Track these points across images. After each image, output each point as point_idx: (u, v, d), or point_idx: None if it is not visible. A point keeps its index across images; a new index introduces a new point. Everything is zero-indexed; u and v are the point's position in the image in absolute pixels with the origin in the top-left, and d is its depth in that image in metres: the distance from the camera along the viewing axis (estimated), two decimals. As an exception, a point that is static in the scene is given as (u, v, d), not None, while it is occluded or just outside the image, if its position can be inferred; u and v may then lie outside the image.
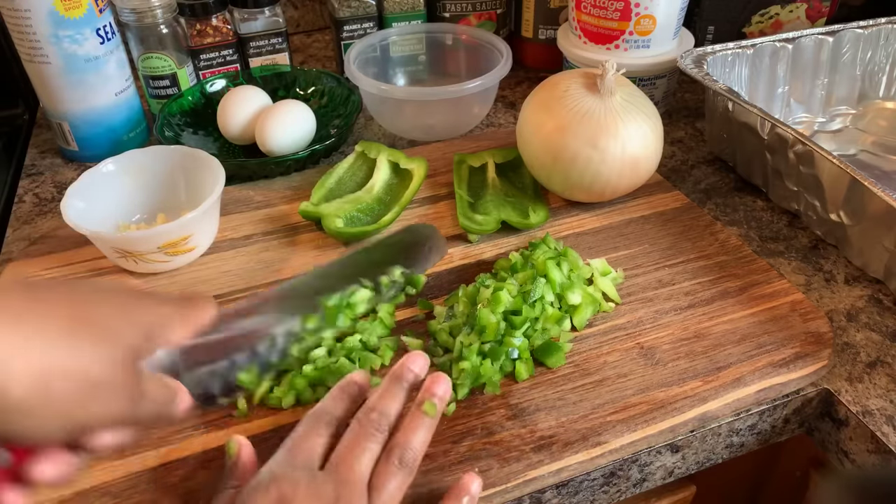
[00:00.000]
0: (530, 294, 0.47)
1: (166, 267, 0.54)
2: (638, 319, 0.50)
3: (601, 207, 0.61)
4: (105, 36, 0.65)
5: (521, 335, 0.46)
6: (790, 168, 0.58)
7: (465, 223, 0.57)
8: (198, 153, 0.58)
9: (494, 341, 0.45)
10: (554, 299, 0.49)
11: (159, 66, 0.72)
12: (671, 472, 0.46)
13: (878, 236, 0.52)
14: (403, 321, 0.50)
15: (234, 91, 0.69)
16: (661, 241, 0.57)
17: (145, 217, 0.59)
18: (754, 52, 0.68)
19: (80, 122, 0.67)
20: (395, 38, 0.78)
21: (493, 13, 0.83)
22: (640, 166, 0.56)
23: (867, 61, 0.73)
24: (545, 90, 0.58)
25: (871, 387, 0.46)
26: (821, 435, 0.48)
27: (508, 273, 0.51)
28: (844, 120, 0.73)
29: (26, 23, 0.61)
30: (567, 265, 0.51)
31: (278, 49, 0.79)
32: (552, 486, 0.41)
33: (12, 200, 0.66)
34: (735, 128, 0.62)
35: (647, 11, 0.68)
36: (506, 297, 0.47)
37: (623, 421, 0.43)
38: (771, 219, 0.61)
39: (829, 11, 0.82)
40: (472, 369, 0.44)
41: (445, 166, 0.66)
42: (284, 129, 0.64)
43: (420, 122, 0.72)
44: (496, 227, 0.57)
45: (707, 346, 0.47)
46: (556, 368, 0.46)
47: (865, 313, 0.52)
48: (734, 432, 0.46)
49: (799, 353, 0.47)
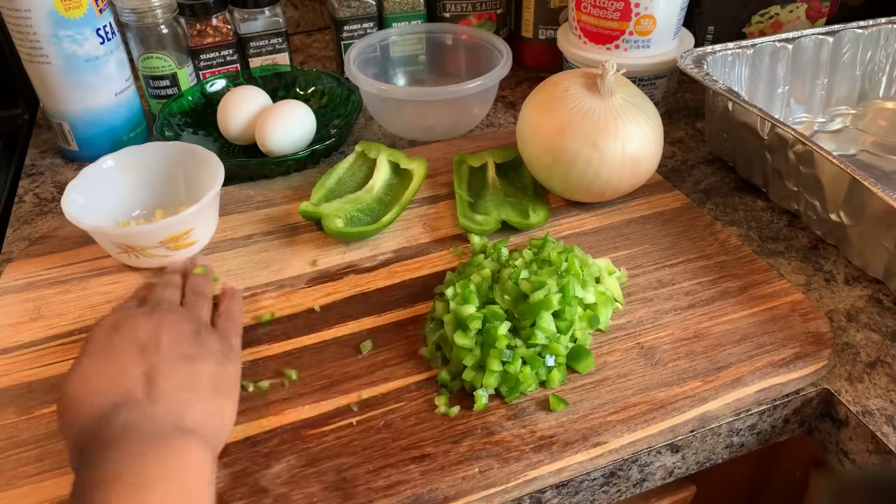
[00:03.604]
0: (569, 291, 0.46)
1: (167, 262, 0.54)
2: (638, 319, 0.50)
3: (601, 207, 0.61)
4: (105, 36, 0.65)
5: (568, 340, 0.45)
6: (790, 168, 0.58)
7: (465, 223, 0.57)
8: (197, 149, 0.58)
9: (540, 346, 0.45)
10: (582, 297, 0.48)
11: (159, 66, 0.72)
12: (671, 472, 0.46)
13: (878, 236, 0.52)
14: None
15: (234, 91, 0.69)
16: (661, 241, 0.57)
17: (144, 213, 0.59)
18: (754, 52, 0.68)
19: (80, 122, 0.67)
20: (395, 38, 0.78)
21: (493, 13, 0.83)
22: (640, 166, 0.56)
23: (867, 61, 0.73)
24: (545, 90, 0.58)
25: (871, 387, 0.46)
26: (821, 435, 0.48)
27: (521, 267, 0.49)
28: (844, 120, 0.73)
29: (26, 23, 0.61)
30: (578, 262, 0.50)
31: (278, 49, 0.79)
32: (552, 486, 0.41)
33: (12, 200, 0.66)
34: (735, 128, 0.62)
35: (647, 11, 0.68)
36: (556, 299, 0.45)
37: (623, 421, 0.43)
38: (771, 219, 0.61)
39: (829, 11, 0.82)
40: (524, 377, 0.43)
41: (445, 166, 0.66)
42: (284, 129, 0.64)
43: (420, 123, 0.72)
44: (496, 227, 0.57)
45: (707, 346, 0.47)
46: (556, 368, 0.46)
47: (865, 313, 0.52)
48: (734, 432, 0.46)
49: (799, 353, 0.47)
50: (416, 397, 0.44)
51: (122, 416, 0.35)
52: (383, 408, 0.44)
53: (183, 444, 0.35)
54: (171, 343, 0.40)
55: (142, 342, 0.39)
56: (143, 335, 0.40)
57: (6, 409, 0.44)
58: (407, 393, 0.45)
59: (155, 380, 0.37)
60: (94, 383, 0.37)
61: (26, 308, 0.51)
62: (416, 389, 0.45)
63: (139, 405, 0.36)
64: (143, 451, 0.33)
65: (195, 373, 0.39)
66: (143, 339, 0.39)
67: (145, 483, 0.32)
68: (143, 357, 0.38)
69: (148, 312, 0.42)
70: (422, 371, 0.46)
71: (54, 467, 0.40)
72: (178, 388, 0.37)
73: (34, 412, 0.44)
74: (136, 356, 0.38)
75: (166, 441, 0.34)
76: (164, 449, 0.34)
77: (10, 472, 0.40)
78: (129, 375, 0.37)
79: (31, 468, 0.40)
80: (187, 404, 0.37)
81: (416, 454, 0.41)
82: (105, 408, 0.35)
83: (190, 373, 0.39)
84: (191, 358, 0.40)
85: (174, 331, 0.41)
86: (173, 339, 0.40)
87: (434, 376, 0.46)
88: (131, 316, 0.41)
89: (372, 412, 0.43)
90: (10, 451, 0.41)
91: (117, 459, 0.33)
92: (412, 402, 0.44)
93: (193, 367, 0.39)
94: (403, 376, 0.46)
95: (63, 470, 0.40)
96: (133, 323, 0.40)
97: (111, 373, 0.37)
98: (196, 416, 0.37)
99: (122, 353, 0.38)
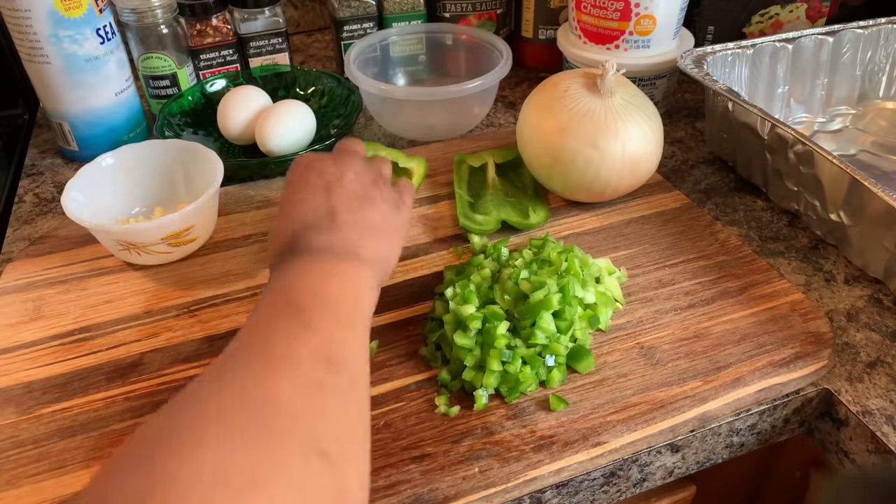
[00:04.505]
0: (569, 291, 0.46)
1: (168, 259, 0.54)
2: (638, 319, 0.50)
3: (601, 207, 0.61)
4: (105, 36, 0.65)
5: (568, 340, 0.45)
6: (790, 168, 0.58)
7: (465, 223, 0.57)
8: (196, 147, 0.58)
9: (540, 346, 0.45)
10: (582, 297, 0.48)
11: (159, 66, 0.72)
12: (671, 472, 0.46)
13: (878, 236, 0.52)
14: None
15: (234, 91, 0.69)
16: (661, 241, 0.57)
17: (144, 210, 0.59)
18: (754, 52, 0.68)
19: (80, 122, 0.67)
20: (395, 38, 0.78)
21: (493, 13, 0.83)
22: (640, 166, 0.56)
23: (867, 61, 0.73)
24: (545, 90, 0.58)
25: (871, 387, 0.46)
26: (821, 435, 0.48)
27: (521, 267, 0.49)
28: (844, 120, 0.73)
29: (26, 23, 0.61)
30: (578, 262, 0.50)
31: (278, 49, 0.79)
32: (552, 485, 0.41)
33: (12, 200, 0.66)
34: (735, 128, 0.62)
35: (647, 11, 0.68)
36: (556, 299, 0.45)
37: (623, 421, 0.43)
38: (771, 219, 0.61)
39: (829, 11, 0.82)
40: (524, 377, 0.43)
41: (445, 166, 0.66)
42: (284, 129, 0.64)
43: (420, 122, 0.72)
44: (496, 227, 0.57)
45: (707, 346, 0.47)
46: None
47: (865, 313, 0.52)
48: (734, 432, 0.46)
49: (799, 353, 0.47)
50: (416, 397, 0.44)
51: (311, 237, 0.41)
52: (383, 407, 0.44)
53: (358, 267, 0.40)
54: (353, 184, 0.45)
55: (328, 181, 0.44)
56: (330, 175, 0.44)
57: (6, 409, 0.44)
58: (407, 393, 0.45)
59: (336, 213, 0.42)
60: (292, 212, 0.43)
61: (26, 308, 0.51)
62: (416, 389, 0.45)
63: (324, 231, 0.41)
64: (326, 269, 0.39)
65: (370, 213, 0.44)
66: (329, 179, 0.44)
67: (328, 277, 0.38)
68: (328, 193, 0.43)
69: (335, 157, 0.47)
70: (422, 371, 0.46)
71: (54, 467, 0.40)
72: (355, 223, 0.42)
73: (34, 412, 0.44)
74: (322, 192, 0.43)
75: (346, 262, 0.40)
76: (344, 266, 0.39)
77: (10, 472, 0.40)
78: (316, 207, 0.43)
79: (31, 468, 0.40)
80: (360, 238, 0.42)
81: (416, 454, 0.41)
82: (298, 230, 0.41)
83: (366, 212, 0.44)
84: (369, 199, 0.44)
85: (356, 175, 0.45)
86: (355, 181, 0.45)
87: (434, 376, 0.46)
88: (321, 157, 0.46)
89: (372, 412, 0.43)
90: (10, 451, 0.41)
91: (307, 260, 0.39)
92: (412, 402, 0.44)
93: (369, 207, 0.44)
94: (403, 376, 0.46)
95: (63, 470, 0.40)
96: (321, 164, 0.45)
97: (303, 205, 0.43)
98: (367, 250, 0.42)
99: (311, 189, 0.44)
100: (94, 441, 0.42)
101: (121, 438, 0.42)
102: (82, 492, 0.26)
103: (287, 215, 0.43)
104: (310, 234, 0.41)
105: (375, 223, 0.44)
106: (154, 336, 0.49)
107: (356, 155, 0.48)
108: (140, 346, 0.48)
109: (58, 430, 0.42)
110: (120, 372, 0.46)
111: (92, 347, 0.48)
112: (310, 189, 0.44)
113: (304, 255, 0.40)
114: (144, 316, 0.51)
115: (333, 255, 0.40)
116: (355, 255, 0.41)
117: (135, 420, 0.43)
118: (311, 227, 0.42)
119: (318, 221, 0.42)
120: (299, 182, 0.45)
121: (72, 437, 0.42)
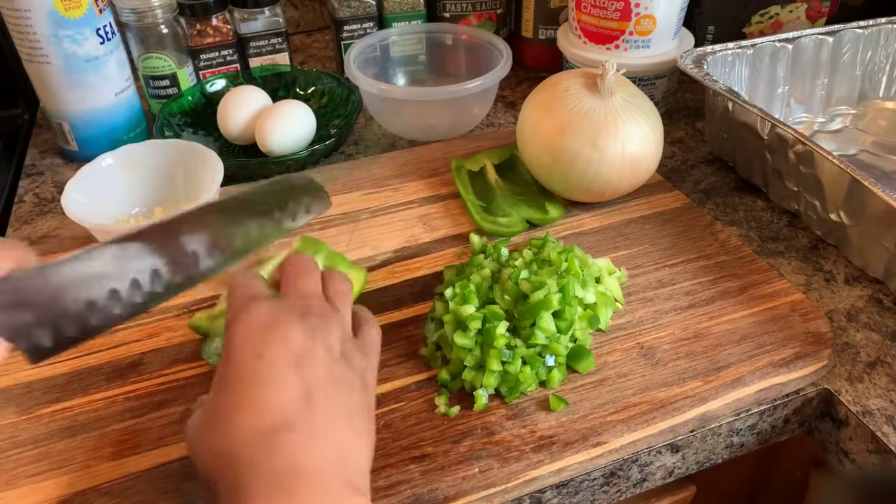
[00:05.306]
0: (569, 291, 0.46)
1: None
2: (638, 319, 0.50)
3: (601, 207, 0.61)
4: (105, 36, 0.65)
5: (568, 340, 0.45)
6: (790, 168, 0.58)
7: (491, 227, 0.57)
8: (196, 146, 0.58)
9: (540, 346, 0.45)
10: (582, 297, 0.48)
11: (159, 66, 0.72)
12: (671, 472, 0.46)
13: (878, 236, 0.52)
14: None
15: (234, 91, 0.69)
16: (661, 241, 0.57)
17: (144, 211, 0.59)
18: (754, 52, 0.68)
19: (80, 122, 0.67)
20: (395, 38, 0.78)
21: (493, 13, 0.83)
22: (640, 166, 0.56)
23: (867, 61, 0.73)
24: (545, 90, 0.58)
25: (871, 387, 0.46)
26: (821, 435, 0.48)
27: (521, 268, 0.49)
28: (844, 120, 0.73)
29: (26, 23, 0.61)
30: (578, 262, 0.50)
31: (278, 49, 0.79)
32: (552, 486, 0.41)
33: (12, 200, 0.66)
34: (735, 128, 0.62)
35: (647, 11, 0.68)
36: (556, 299, 0.45)
37: (623, 421, 0.43)
38: (771, 219, 0.61)
39: (829, 11, 0.82)
40: (523, 377, 0.43)
41: (445, 166, 0.66)
42: (284, 129, 0.64)
43: (420, 122, 0.72)
44: (525, 227, 0.57)
45: (707, 346, 0.47)
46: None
47: (865, 313, 0.52)
48: (734, 432, 0.46)
49: (799, 353, 0.47)
50: (416, 397, 0.44)
51: (284, 448, 0.29)
52: (383, 408, 0.44)
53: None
54: (327, 358, 0.33)
55: (297, 354, 0.33)
56: (299, 345, 0.33)
57: (6, 409, 0.44)
58: (407, 393, 0.45)
59: (315, 407, 0.31)
60: (247, 397, 0.31)
61: (26, 308, 0.51)
62: (416, 389, 0.45)
63: (301, 438, 0.30)
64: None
65: (347, 402, 0.33)
66: (299, 351, 0.33)
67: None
68: (300, 374, 0.32)
69: (300, 314, 0.34)
70: (422, 371, 0.46)
71: (54, 467, 0.40)
72: (337, 420, 0.32)
73: (34, 412, 0.44)
74: (293, 372, 0.32)
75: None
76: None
77: (10, 472, 0.40)
78: (287, 396, 0.31)
79: (31, 468, 0.40)
80: (348, 446, 0.32)
81: (416, 454, 0.41)
82: (259, 432, 0.30)
83: (343, 402, 0.33)
84: (344, 382, 0.34)
85: (328, 342, 0.34)
86: (328, 353, 0.34)
87: (434, 376, 0.46)
88: (282, 316, 0.34)
89: (372, 412, 0.43)
90: (10, 451, 0.41)
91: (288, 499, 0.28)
92: (412, 402, 0.44)
93: (345, 393, 0.33)
94: (403, 376, 0.46)
95: (63, 470, 0.40)
96: (286, 327, 0.33)
97: (266, 389, 0.31)
98: (357, 460, 0.32)
99: (276, 365, 0.32)
100: (94, 441, 0.42)
101: (121, 438, 0.42)
102: None
103: (238, 402, 0.31)
104: (281, 443, 0.30)
105: (354, 416, 0.33)
106: (154, 336, 0.49)
107: (322, 308, 0.36)
108: (140, 346, 0.48)
109: (58, 430, 0.42)
110: (120, 372, 0.46)
111: (92, 347, 0.48)
112: (272, 365, 0.32)
113: (277, 488, 0.28)
114: (144, 316, 0.51)
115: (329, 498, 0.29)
116: (353, 488, 0.30)
117: (135, 420, 0.43)
118: (284, 430, 0.30)
119: (289, 423, 0.30)
120: (254, 350, 0.32)
121: (72, 437, 0.42)
